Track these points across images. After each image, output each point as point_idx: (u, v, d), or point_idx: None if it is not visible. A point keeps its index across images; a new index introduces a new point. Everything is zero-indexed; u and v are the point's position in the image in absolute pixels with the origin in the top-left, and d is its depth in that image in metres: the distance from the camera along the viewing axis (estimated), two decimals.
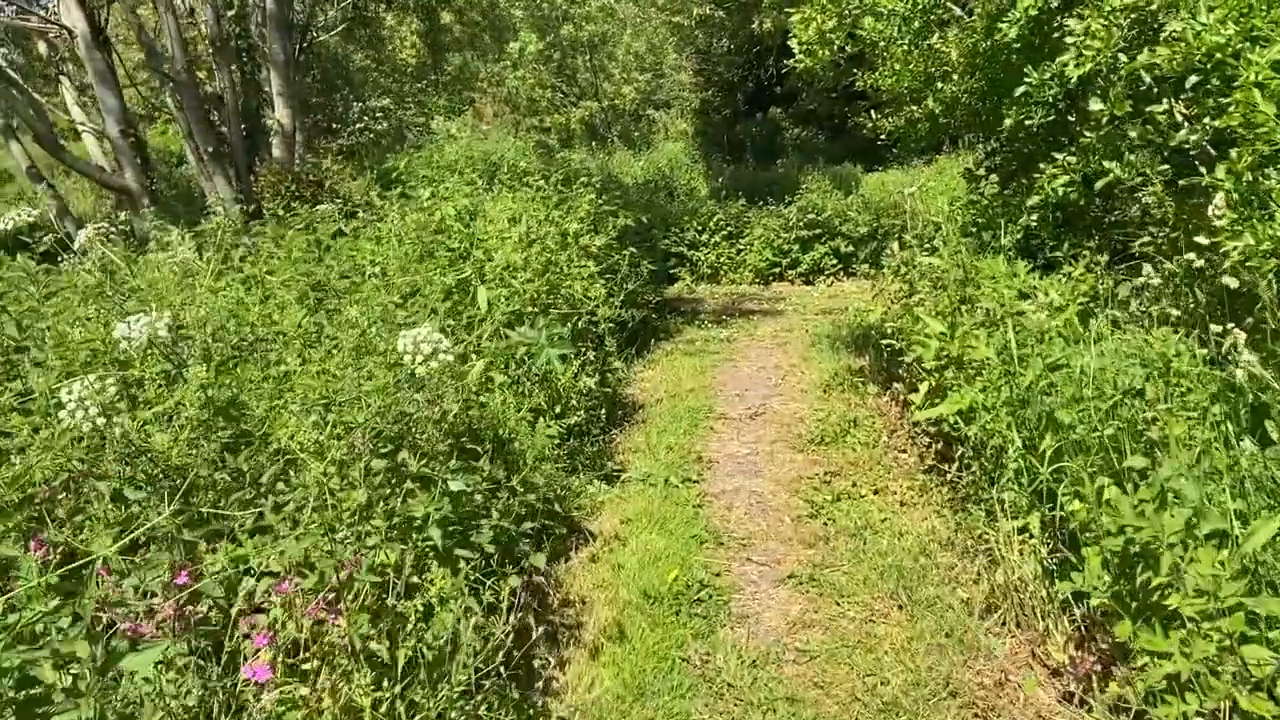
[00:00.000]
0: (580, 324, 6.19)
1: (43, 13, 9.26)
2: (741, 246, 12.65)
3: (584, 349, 6.21)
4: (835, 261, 12.34)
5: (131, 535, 2.23)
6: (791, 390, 7.43)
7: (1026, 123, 5.37)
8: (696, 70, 24.99)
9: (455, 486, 3.11)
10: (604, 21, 22.58)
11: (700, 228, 12.68)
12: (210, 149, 8.90)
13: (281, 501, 2.63)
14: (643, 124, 27.90)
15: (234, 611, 2.37)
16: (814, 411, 6.76)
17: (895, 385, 6.59)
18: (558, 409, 5.50)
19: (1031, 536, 3.87)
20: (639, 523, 4.89)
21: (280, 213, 5.93)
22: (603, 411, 6.19)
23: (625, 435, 6.36)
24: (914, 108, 7.81)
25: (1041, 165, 5.87)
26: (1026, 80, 5.28)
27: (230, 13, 10.69)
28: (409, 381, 3.07)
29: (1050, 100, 5.30)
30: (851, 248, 12.35)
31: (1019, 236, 5.95)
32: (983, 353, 4.63)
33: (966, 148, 17.34)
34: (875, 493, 5.19)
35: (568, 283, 6.04)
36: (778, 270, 12.47)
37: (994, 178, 8.35)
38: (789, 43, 7.32)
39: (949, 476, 4.74)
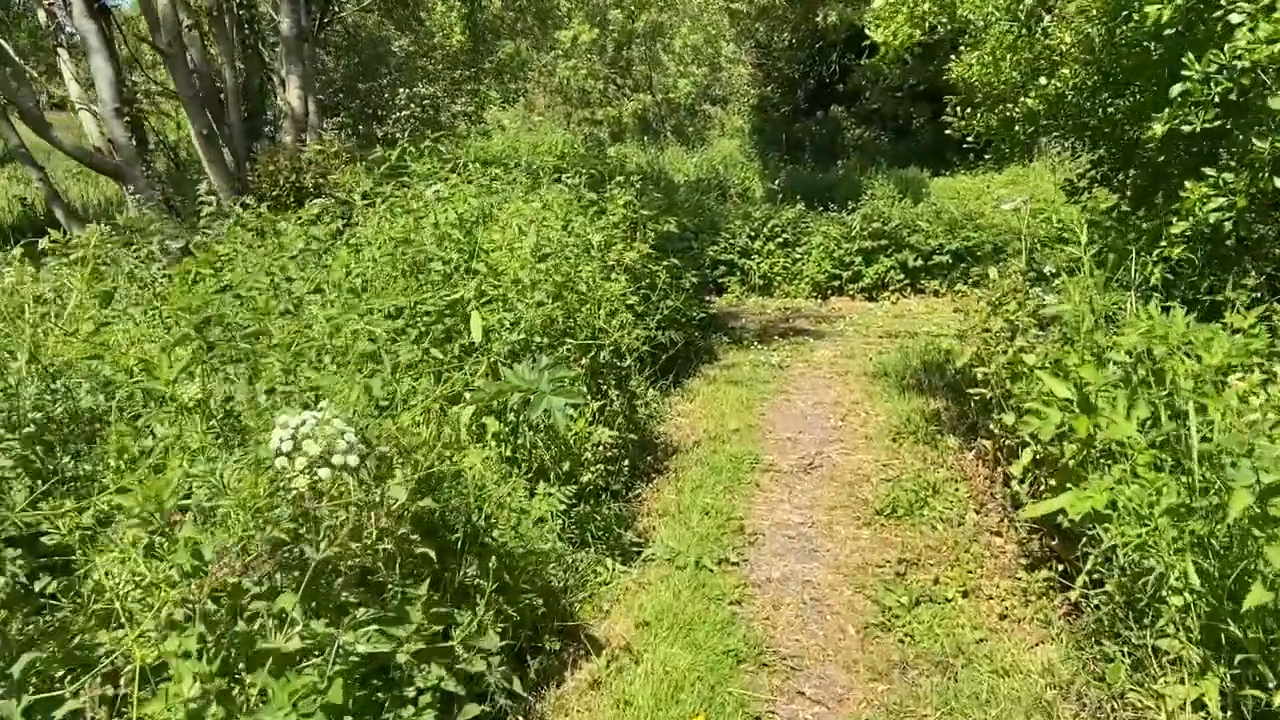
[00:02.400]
0: (603, 355, 5.11)
1: None
2: (798, 256, 11.47)
3: (605, 386, 5.13)
4: (902, 276, 11.10)
5: None
6: (853, 436, 6.27)
7: (1185, 128, 4.16)
8: (755, 64, 23.81)
9: (364, 649, 2.05)
10: (659, 9, 21.40)
11: (753, 233, 11.53)
12: (204, 131, 7.98)
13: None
14: (698, 119, 26.73)
15: None
16: (881, 467, 5.60)
17: (982, 441, 5.42)
18: (566, 466, 4.44)
19: (1207, 714, 2.72)
20: (658, 627, 3.80)
21: (239, 212, 4.95)
22: (626, 463, 5.11)
23: (653, 491, 5.27)
24: (1010, 105, 6.59)
25: (1188, 184, 4.67)
26: (1186, 74, 4.07)
27: None
28: (287, 495, 2.01)
29: (1217, 99, 4.08)
30: (920, 261, 11.10)
31: (1156, 270, 4.74)
32: (1123, 430, 3.46)
33: (1048, 153, 15.96)
34: (964, 595, 4.04)
35: (587, 307, 4.97)
36: (837, 284, 11.27)
37: (1103, 192, 7.11)
38: (869, 24, 6.17)
39: (1072, 594, 3.57)
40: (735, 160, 21.29)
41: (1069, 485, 3.83)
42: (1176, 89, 4.02)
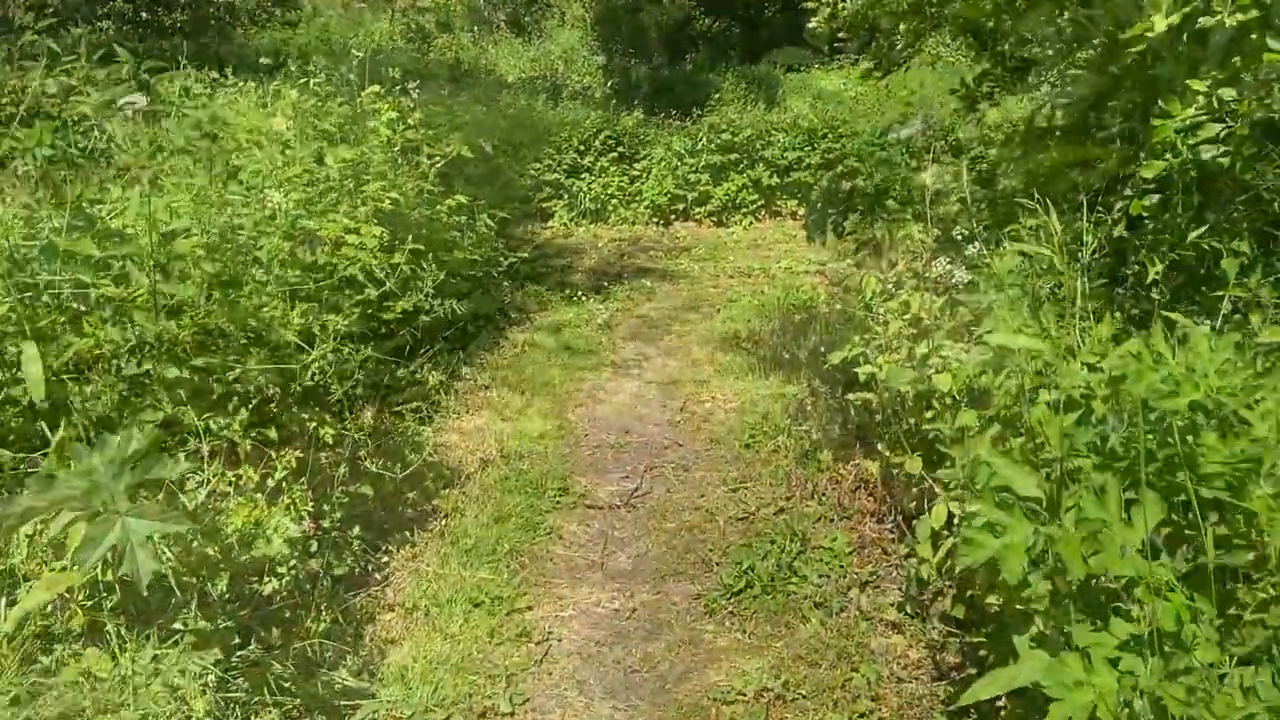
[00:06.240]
0: (310, 376, 3.32)
1: None
2: (636, 174, 9.73)
3: (315, 420, 3.36)
4: (755, 197, 9.56)
5: None
6: (695, 437, 4.75)
7: (1206, 20, 2.64)
8: None
9: None
10: None
11: (583, 146, 9.69)
12: None
13: None
14: (535, 7, 24.13)
15: None
16: (730, 497, 4.11)
17: (865, 463, 3.98)
18: (223, 583, 2.71)
19: None
20: None
21: None
22: (355, 531, 3.40)
23: (405, 560, 3.59)
24: None
25: (1162, 102, 3.21)
26: None
27: None
28: None
29: None
30: (776, 179, 9.58)
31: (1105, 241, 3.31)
32: (1131, 562, 2.01)
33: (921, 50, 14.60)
34: None
35: (274, 303, 3.16)
36: (682, 207, 9.62)
37: (1003, 99, 5.69)
38: None
39: None
40: (577, 55, 19.18)
41: (1020, 607, 2.41)
42: None
